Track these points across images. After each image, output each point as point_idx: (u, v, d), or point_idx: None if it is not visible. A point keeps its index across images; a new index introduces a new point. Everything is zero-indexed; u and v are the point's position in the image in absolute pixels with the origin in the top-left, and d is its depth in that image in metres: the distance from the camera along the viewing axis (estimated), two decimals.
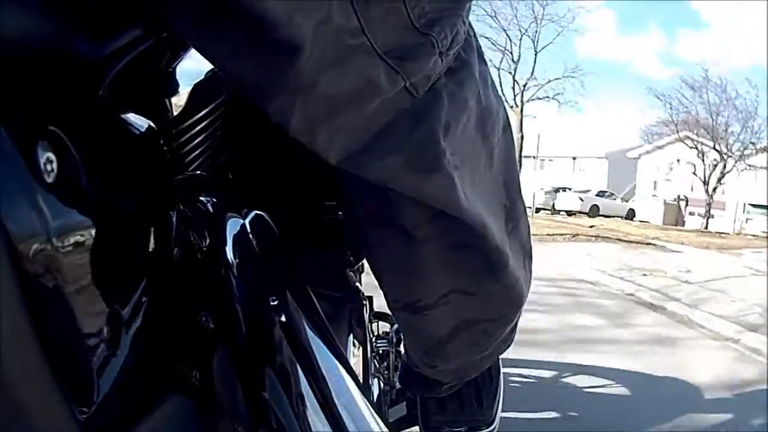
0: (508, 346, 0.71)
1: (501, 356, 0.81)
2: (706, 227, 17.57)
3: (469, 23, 0.49)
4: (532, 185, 16.56)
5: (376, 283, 0.60)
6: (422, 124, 0.42)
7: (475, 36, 0.51)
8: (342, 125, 0.38)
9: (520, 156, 18.37)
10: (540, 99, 21.41)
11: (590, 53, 49.04)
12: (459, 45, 0.45)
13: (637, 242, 9.23)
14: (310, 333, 0.42)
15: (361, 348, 0.94)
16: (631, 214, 20.80)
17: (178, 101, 0.41)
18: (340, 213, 0.80)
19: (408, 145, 0.41)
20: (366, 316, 1.03)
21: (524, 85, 20.85)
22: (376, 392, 0.89)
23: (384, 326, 1.26)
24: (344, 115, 0.37)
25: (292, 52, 0.32)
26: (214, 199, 0.48)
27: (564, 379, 2.67)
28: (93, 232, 0.24)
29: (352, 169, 0.40)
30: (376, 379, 0.91)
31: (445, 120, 0.43)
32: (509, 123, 0.58)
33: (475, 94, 0.48)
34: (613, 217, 18.18)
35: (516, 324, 0.67)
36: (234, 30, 0.31)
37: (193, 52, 0.42)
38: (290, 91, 0.34)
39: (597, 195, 21.96)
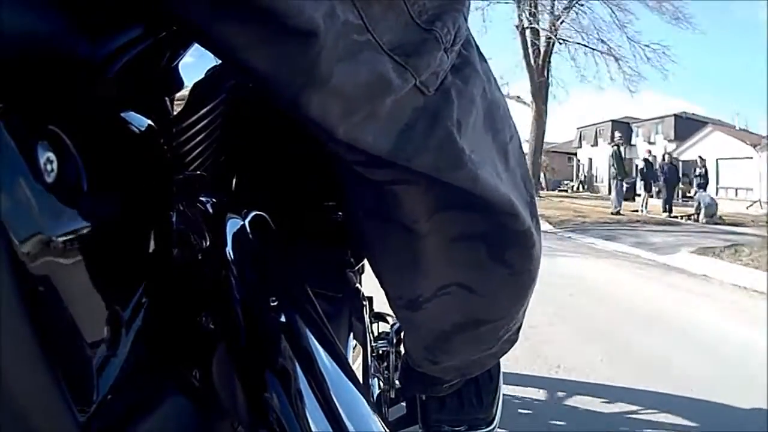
0: (512, 346, 0.71)
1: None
2: None
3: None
4: None
5: (377, 283, 0.60)
6: (439, 124, 0.42)
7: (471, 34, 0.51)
8: (361, 122, 0.38)
9: None
10: None
11: None
12: (461, 41, 0.45)
13: None
14: (310, 333, 0.42)
15: (361, 348, 0.95)
16: None
17: (179, 100, 0.41)
18: (339, 213, 0.80)
19: (430, 145, 0.41)
20: (366, 316, 1.03)
21: None
22: (376, 392, 0.89)
23: (384, 327, 1.26)
24: (361, 113, 0.37)
25: (306, 40, 0.32)
26: (214, 199, 0.48)
27: None
28: (93, 232, 0.24)
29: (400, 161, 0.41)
30: (375, 379, 0.91)
31: (457, 119, 0.43)
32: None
33: (480, 91, 0.48)
34: None
35: (521, 324, 0.67)
36: (248, 20, 0.31)
37: (193, 51, 0.42)
38: (305, 81, 0.34)
39: None
